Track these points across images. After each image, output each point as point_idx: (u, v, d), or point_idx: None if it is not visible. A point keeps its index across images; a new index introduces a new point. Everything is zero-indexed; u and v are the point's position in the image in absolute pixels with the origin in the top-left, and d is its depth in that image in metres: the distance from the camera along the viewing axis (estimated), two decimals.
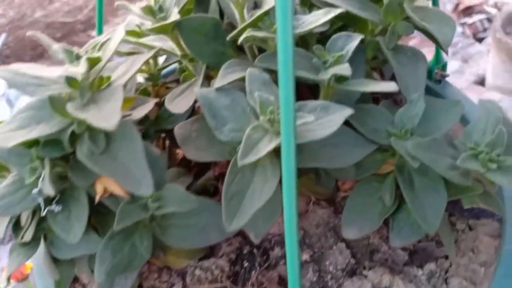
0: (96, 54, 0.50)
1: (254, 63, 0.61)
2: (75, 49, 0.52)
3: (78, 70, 0.46)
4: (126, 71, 0.60)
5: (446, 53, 0.66)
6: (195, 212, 0.63)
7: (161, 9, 0.66)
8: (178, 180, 0.77)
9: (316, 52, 0.62)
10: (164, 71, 0.90)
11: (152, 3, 0.66)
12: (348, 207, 0.71)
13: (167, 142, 0.88)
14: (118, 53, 0.82)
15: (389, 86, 0.58)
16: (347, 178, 0.71)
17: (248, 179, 0.56)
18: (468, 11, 3.08)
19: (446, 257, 0.76)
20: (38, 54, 2.82)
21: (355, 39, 0.63)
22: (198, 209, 0.63)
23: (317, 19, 0.61)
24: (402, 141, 0.65)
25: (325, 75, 0.60)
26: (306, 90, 0.75)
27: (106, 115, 0.48)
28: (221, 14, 0.75)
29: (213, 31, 0.70)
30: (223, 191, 0.56)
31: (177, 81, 0.90)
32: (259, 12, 0.61)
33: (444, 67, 1.00)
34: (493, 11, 2.85)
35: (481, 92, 2.48)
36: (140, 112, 0.64)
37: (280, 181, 0.47)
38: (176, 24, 0.66)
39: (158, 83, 0.89)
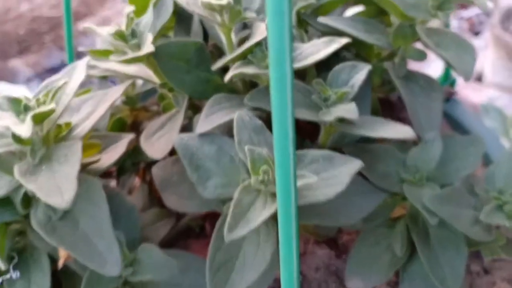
0: (47, 107, 0.40)
1: (244, 101, 0.52)
2: (24, 98, 0.42)
3: (23, 130, 0.36)
4: (91, 112, 0.51)
5: (465, 80, 0.56)
6: (178, 272, 0.54)
7: (133, 33, 0.56)
8: (159, 224, 0.68)
9: (317, 87, 0.53)
10: (143, 92, 0.80)
11: (123, 26, 0.56)
12: (353, 256, 0.62)
13: (148, 173, 0.78)
14: (88, 76, 0.72)
15: (404, 132, 0.49)
16: (352, 228, 0.63)
17: (238, 245, 0.47)
18: (464, 4, 3.00)
19: None
20: (25, 48, 2.70)
21: (362, 71, 0.54)
22: (181, 268, 0.54)
23: (317, 49, 0.52)
24: (417, 189, 0.56)
25: (327, 116, 0.51)
26: (305, 125, 0.65)
27: (59, 186, 0.38)
28: (205, 33, 0.66)
29: (196, 57, 0.60)
30: (208, 260, 0.47)
31: (158, 105, 0.81)
32: (248, 43, 0.51)
33: (453, 83, 0.91)
34: (490, 4, 2.77)
35: (479, 89, 2.40)
36: (110, 156, 0.54)
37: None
38: (153, 52, 0.56)
39: (136, 106, 0.79)
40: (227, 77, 0.50)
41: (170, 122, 0.62)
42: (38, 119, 0.41)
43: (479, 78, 2.45)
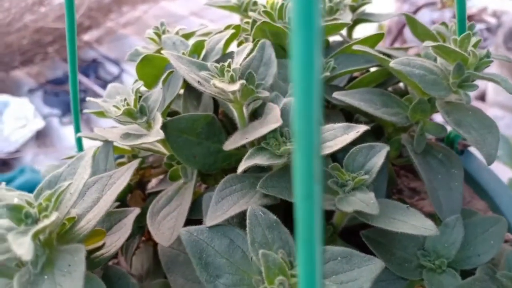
0: (49, 219, 0.38)
1: (257, 187, 0.49)
2: (27, 207, 0.39)
3: (23, 253, 0.34)
4: (96, 200, 0.48)
5: (488, 164, 0.54)
6: None
7: (142, 110, 0.54)
8: None
9: (333, 172, 0.51)
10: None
11: (131, 103, 0.53)
12: None
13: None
14: (93, 139, 0.70)
15: (425, 229, 0.47)
16: None
17: None
18: (467, 20, 2.97)
19: None
20: (28, 59, 2.68)
21: (380, 153, 0.51)
22: None
23: (334, 136, 0.49)
24: (437, 276, 0.53)
25: (345, 207, 0.48)
26: None
27: None
28: (215, 101, 0.63)
29: (207, 130, 0.58)
30: None
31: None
32: (262, 129, 0.49)
33: None
34: (492, 20, 2.75)
35: (482, 108, 2.38)
36: (116, 240, 0.51)
37: None
38: (162, 126, 0.54)
39: (142, 166, 0.77)
40: (240, 169, 0.48)
41: (177, 196, 0.60)
42: (40, 232, 0.38)
43: (482, 98, 2.43)
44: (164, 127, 0.54)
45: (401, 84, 0.78)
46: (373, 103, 0.56)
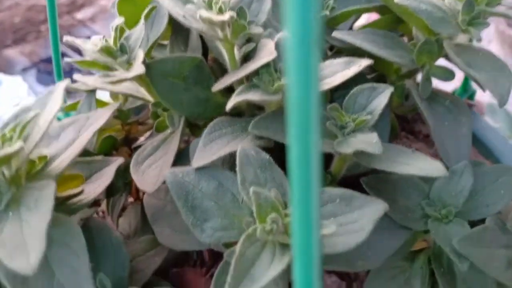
0: (12, 148, 0.34)
1: (249, 129, 0.45)
2: None
3: None
4: (72, 141, 0.44)
5: (500, 106, 0.50)
6: None
7: (123, 49, 0.49)
8: (152, 252, 0.61)
9: (332, 114, 0.46)
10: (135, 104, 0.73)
11: (111, 41, 0.49)
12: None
13: (141, 191, 0.72)
14: (74, 90, 0.66)
15: (433, 169, 0.43)
16: (368, 267, 0.56)
17: None
18: None
19: None
20: (20, 37, 2.62)
21: (383, 94, 0.47)
22: None
23: (334, 71, 0.45)
24: (443, 226, 0.49)
25: (345, 148, 0.44)
26: None
27: (26, 242, 0.32)
28: (204, 45, 0.59)
29: (195, 74, 0.53)
30: None
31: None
32: (254, 65, 0.44)
33: (472, 96, 0.84)
34: None
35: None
36: (95, 187, 0.47)
37: None
38: (146, 67, 0.49)
39: (129, 121, 0.72)
40: (229, 104, 0.44)
41: (164, 145, 0.55)
42: (4, 160, 0.34)
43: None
44: (147, 68, 0.50)
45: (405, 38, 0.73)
46: (376, 44, 0.52)
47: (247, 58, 0.53)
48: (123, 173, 0.66)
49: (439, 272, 0.51)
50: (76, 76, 0.57)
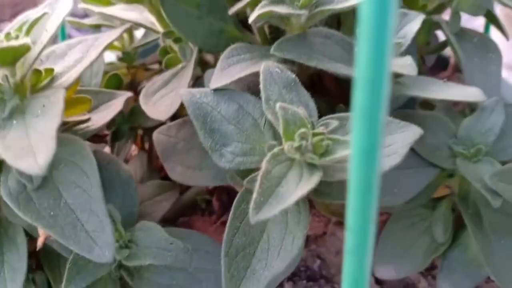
0: (18, 41, 0.30)
1: (271, 51, 0.42)
2: None
3: None
4: (79, 60, 0.40)
5: None
6: (183, 255, 0.44)
7: None
8: (160, 197, 0.58)
9: None
10: (143, 48, 0.70)
11: None
12: (383, 239, 0.53)
13: (147, 140, 0.69)
14: (78, 25, 0.62)
15: (471, 95, 0.40)
16: (393, 203, 0.53)
17: (260, 226, 0.38)
18: None
19: None
20: (18, 12, 2.58)
21: (414, 20, 0.44)
22: (188, 250, 0.45)
23: None
24: (473, 165, 0.46)
25: None
26: (333, 84, 0.55)
27: (32, 145, 0.29)
28: None
29: (209, 2, 0.50)
30: (224, 244, 0.38)
31: (160, 63, 0.70)
32: None
33: None
34: None
35: None
36: (103, 116, 0.44)
37: None
38: None
39: (134, 64, 0.69)
40: (252, 17, 0.40)
41: (175, 78, 0.52)
42: (7, 58, 0.31)
43: None
44: None
45: None
46: None
47: None
48: (129, 116, 0.63)
49: (466, 214, 0.49)
50: (81, 5, 0.54)
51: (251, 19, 0.40)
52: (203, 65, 0.56)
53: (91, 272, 0.40)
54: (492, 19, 0.57)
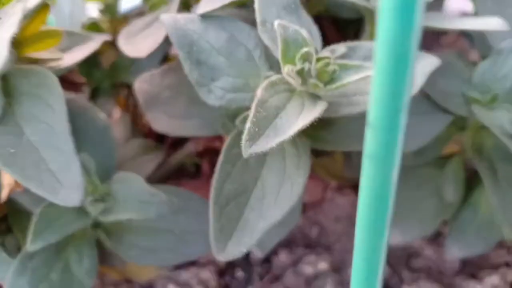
0: None
1: None
2: None
3: None
4: None
5: None
6: (168, 213, 0.40)
7: None
8: (144, 158, 0.53)
9: None
10: (127, 7, 0.64)
11: None
12: None
13: (131, 99, 0.64)
14: None
15: (493, 23, 0.35)
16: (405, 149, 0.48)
17: (255, 171, 0.33)
18: None
19: (508, 265, 0.56)
20: None
21: None
22: (173, 208, 0.40)
23: None
24: (489, 111, 0.42)
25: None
26: (333, 31, 0.51)
27: None
28: None
29: None
30: (212, 192, 0.33)
31: (143, 15, 0.65)
32: None
33: None
34: None
35: None
36: (76, 55, 0.39)
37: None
38: None
39: (116, 16, 0.63)
40: None
41: (158, 20, 0.46)
42: None
43: None
44: None
45: None
46: None
47: None
48: (110, 71, 0.58)
49: (481, 167, 0.44)
50: None
51: None
52: (188, 8, 0.51)
53: (61, 226, 0.35)
54: None
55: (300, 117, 0.28)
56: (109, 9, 0.62)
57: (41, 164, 0.28)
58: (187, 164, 0.59)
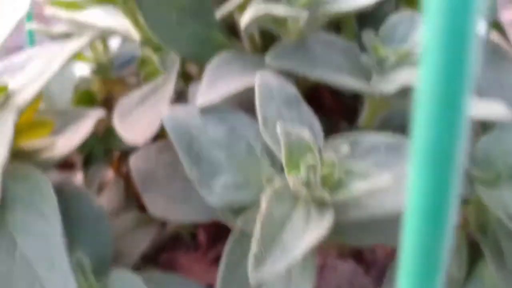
0: None
1: (266, 60, 0.36)
2: None
3: None
4: (41, 72, 0.34)
5: None
6: None
7: None
8: (138, 232, 0.51)
9: (367, 44, 0.37)
10: (120, 59, 0.63)
11: None
12: (390, 275, 0.48)
13: (123, 163, 0.62)
14: (46, 33, 0.55)
15: (493, 112, 0.34)
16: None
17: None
18: None
19: None
20: None
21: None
22: None
23: None
24: (493, 190, 0.41)
25: (386, 85, 0.35)
26: (330, 97, 0.50)
27: None
28: None
29: (193, 5, 0.44)
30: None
31: (139, 76, 0.64)
32: None
33: None
34: None
35: None
36: (70, 140, 0.37)
37: None
38: None
39: (110, 77, 0.62)
40: (244, 21, 0.34)
41: (155, 94, 0.45)
42: None
43: None
44: None
45: None
46: None
47: None
48: (103, 137, 0.57)
49: (485, 245, 0.43)
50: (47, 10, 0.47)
51: (243, 23, 0.34)
52: (186, 78, 0.50)
53: None
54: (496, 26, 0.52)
55: (307, 231, 0.27)
56: (102, 70, 0.61)
57: (35, 281, 0.27)
58: (182, 233, 0.57)
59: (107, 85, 0.62)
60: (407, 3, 0.50)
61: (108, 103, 0.64)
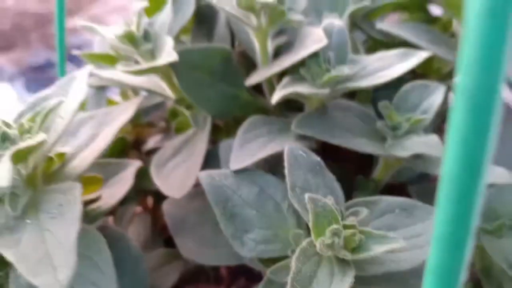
0: (35, 139, 0.28)
1: (292, 128, 0.40)
2: (2, 124, 0.29)
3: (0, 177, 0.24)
4: (92, 137, 0.39)
5: None
6: None
7: (147, 36, 0.44)
8: (166, 267, 0.55)
9: (383, 112, 0.42)
10: (147, 105, 0.68)
11: (133, 26, 0.44)
12: None
13: (150, 199, 0.67)
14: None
15: (499, 176, 0.38)
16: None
17: None
18: None
19: None
20: (11, 43, 2.55)
21: (437, 92, 0.43)
22: None
23: (389, 64, 0.40)
24: (497, 240, 0.45)
25: (400, 151, 0.39)
26: (350, 154, 0.54)
27: (50, 255, 0.26)
28: (231, 37, 0.54)
29: (222, 68, 0.48)
30: None
31: (166, 120, 0.69)
32: (298, 55, 0.39)
33: None
34: None
35: None
36: (114, 192, 0.42)
37: None
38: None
39: (139, 122, 0.67)
40: (276, 97, 0.39)
41: (187, 146, 0.50)
42: (22, 156, 0.29)
43: None
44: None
45: None
46: (421, 38, 0.47)
47: (278, 52, 0.49)
48: (134, 180, 0.61)
49: (489, 287, 0.46)
50: (89, 67, 0.52)
51: (274, 100, 0.39)
52: (213, 130, 0.55)
53: None
54: None
55: (331, 286, 0.31)
56: (135, 115, 0.65)
57: None
58: (205, 267, 0.61)
59: (137, 129, 0.67)
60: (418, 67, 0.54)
61: (137, 145, 0.69)
